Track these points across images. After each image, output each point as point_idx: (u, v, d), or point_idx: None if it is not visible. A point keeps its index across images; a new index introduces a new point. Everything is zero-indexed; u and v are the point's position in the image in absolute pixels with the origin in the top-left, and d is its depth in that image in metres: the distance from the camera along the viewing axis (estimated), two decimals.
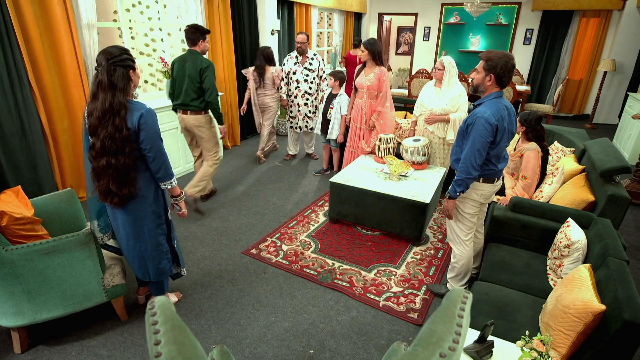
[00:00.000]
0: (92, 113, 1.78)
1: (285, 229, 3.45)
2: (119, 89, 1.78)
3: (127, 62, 1.82)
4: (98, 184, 1.88)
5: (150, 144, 1.86)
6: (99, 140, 1.79)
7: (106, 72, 1.77)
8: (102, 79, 1.77)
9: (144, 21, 5.65)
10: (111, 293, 2.19)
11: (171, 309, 0.70)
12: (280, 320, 2.38)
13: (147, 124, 1.84)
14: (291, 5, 6.45)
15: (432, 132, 3.64)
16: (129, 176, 1.87)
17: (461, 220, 2.37)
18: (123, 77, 1.80)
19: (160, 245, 2.13)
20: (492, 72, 2.10)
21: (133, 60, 1.86)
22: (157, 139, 1.89)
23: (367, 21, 9.57)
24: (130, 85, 1.86)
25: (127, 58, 1.82)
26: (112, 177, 1.83)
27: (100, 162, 1.82)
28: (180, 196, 2.14)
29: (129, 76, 1.84)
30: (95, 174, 1.87)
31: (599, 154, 2.79)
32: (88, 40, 3.48)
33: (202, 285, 2.68)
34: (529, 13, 7.79)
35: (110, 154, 1.80)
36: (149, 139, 1.85)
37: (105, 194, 1.90)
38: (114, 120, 1.77)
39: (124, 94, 1.80)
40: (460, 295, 0.77)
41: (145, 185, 1.97)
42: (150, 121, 1.86)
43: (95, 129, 1.80)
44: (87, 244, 2.02)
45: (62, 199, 2.46)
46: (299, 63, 4.71)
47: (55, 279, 1.99)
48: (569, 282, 1.77)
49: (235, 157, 5.31)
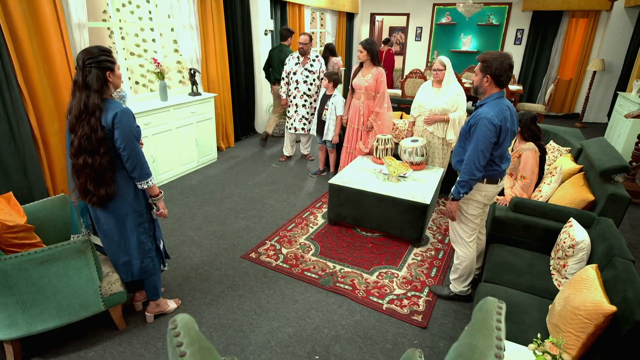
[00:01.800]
0: (71, 111, 1.81)
1: (284, 231, 3.40)
2: (94, 90, 1.77)
3: (104, 64, 1.79)
4: (78, 182, 1.89)
5: (125, 143, 1.84)
6: (77, 139, 1.81)
7: (81, 72, 1.76)
8: (77, 79, 1.78)
9: (135, 21, 5.54)
10: (109, 302, 2.12)
11: (195, 329, 0.66)
12: (283, 326, 2.33)
13: (121, 123, 1.82)
14: (284, 5, 6.40)
15: (432, 133, 3.63)
16: (105, 177, 1.87)
17: (465, 221, 2.35)
18: (98, 78, 1.78)
19: (142, 244, 2.10)
20: (487, 72, 2.09)
21: (112, 62, 1.83)
22: (131, 138, 1.87)
23: (359, 21, 9.57)
24: (108, 86, 1.84)
25: (106, 59, 1.79)
26: (90, 176, 1.85)
27: (79, 159, 1.84)
28: (159, 196, 2.08)
29: (106, 77, 1.81)
30: (75, 171, 1.88)
31: (597, 153, 2.81)
32: (79, 41, 3.38)
33: (201, 292, 2.62)
34: (520, 13, 7.87)
35: (87, 153, 1.82)
36: (123, 138, 1.83)
37: (85, 193, 1.91)
38: (89, 120, 1.78)
39: (99, 95, 1.79)
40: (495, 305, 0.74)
41: (125, 183, 1.96)
42: (125, 120, 1.83)
43: (73, 127, 1.82)
44: (83, 252, 1.95)
45: (55, 205, 2.37)
46: (299, 64, 4.66)
47: (51, 289, 1.92)
48: (577, 283, 1.77)
49: (229, 159, 5.24)
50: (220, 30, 5.03)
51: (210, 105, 4.80)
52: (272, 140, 6.03)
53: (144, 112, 3.86)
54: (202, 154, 4.85)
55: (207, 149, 4.92)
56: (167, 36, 5.47)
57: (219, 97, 5.21)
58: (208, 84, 5.11)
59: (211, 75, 5.09)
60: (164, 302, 2.37)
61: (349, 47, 9.42)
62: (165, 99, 4.27)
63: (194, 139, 4.63)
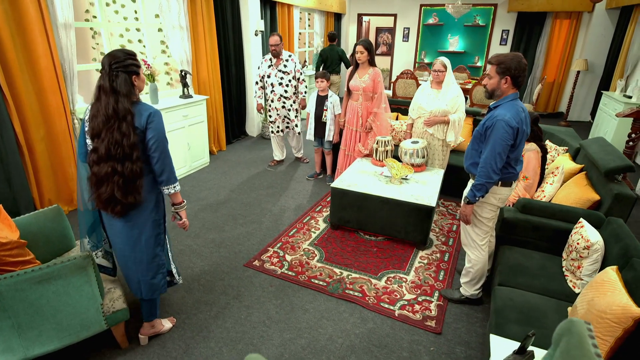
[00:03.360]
0: (96, 116, 1.72)
1: (286, 237, 3.31)
2: (122, 95, 1.71)
3: (130, 68, 1.74)
4: (98, 191, 1.77)
5: (157, 143, 1.79)
6: (104, 146, 1.71)
7: (108, 77, 1.71)
8: (103, 84, 1.71)
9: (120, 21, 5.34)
10: (111, 320, 1.99)
11: None
12: (295, 337, 2.25)
13: (154, 123, 1.78)
14: (273, 6, 6.30)
15: (432, 135, 3.61)
16: (135, 184, 1.78)
17: (478, 225, 2.33)
18: (125, 82, 1.72)
19: (156, 257, 2.00)
20: (507, 74, 2.07)
21: (138, 65, 1.78)
22: (163, 139, 1.82)
23: (347, 22, 9.54)
24: (135, 90, 1.78)
25: (132, 63, 1.75)
26: (118, 184, 1.74)
27: (104, 168, 1.73)
28: (182, 204, 1.99)
29: (132, 82, 1.76)
30: (97, 180, 1.76)
31: (599, 152, 2.84)
32: (65, 42, 3.21)
33: (206, 304, 2.50)
34: (505, 14, 8.01)
35: (116, 160, 1.72)
36: (156, 139, 1.78)
37: (107, 202, 1.78)
38: (120, 126, 1.70)
39: (128, 99, 1.72)
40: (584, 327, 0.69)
41: (148, 191, 1.87)
42: (158, 120, 1.80)
43: (98, 133, 1.72)
44: (84, 268, 1.82)
45: (49, 217, 2.22)
46: (272, 66, 4.48)
47: (50, 310, 1.78)
48: (599, 286, 1.76)
49: (222, 163, 5.10)
50: (210, 31, 4.90)
51: (202, 108, 4.66)
52: (264, 143, 5.92)
53: None
54: (195, 159, 4.71)
55: (199, 153, 4.77)
56: (154, 37, 5.29)
57: (211, 99, 5.08)
58: (199, 86, 4.97)
59: (202, 77, 4.95)
60: (158, 323, 2.22)
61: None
62: (156, 102, 4.11)
63: (186, 143, 4.49)
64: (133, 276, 2.00)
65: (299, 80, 4.58)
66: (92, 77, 5.46)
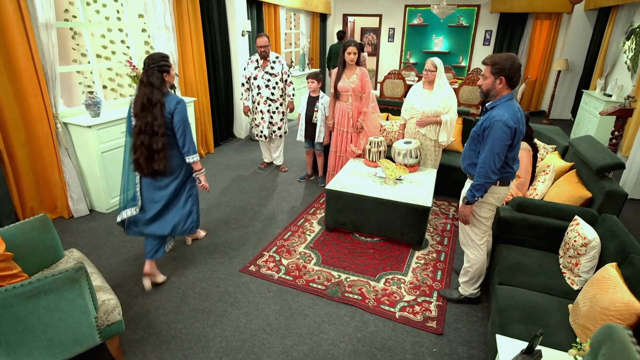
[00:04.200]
0: (137, 102, 2.33)
1: (281, 241, 3.26)
2: (155, 87, 2.30)
3: (162, 67, 2.32)
4: (134, 156, 2.38)
5: (180, 123, 2.38)
6: (139, 124, 2.32)
7: (145, 73, 2.31)
8: (142, 78, 2.32)
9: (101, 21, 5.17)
10: (106, 334, 1.90)
11: None
12: (297, 343, 2.21)
13: (179, 109, 2.38)
14: (260, 6, 6.22)
15: (424, 135, 3.62)
16: (158, 154, 2.34)
17: (477, 224, 2.33)
18: (158, 78, 2.32)
19: (186, 205, 2.61)
20: (502, 74, 2.08)
21: (168, 65, 2.36)
22: (185, 121, 2.40)
23: (332, 22, 9.53)
24: (165, 84, 2.36)
25: (164, 64, 2.33)
26: (143, 154, 2.34)
27: (138, 140, 2.34)
28: (201, 171, 2.56)
29: (163, 78, 2.34)
30: (134, 148, 2.37)
31: (588, 151, 2.90)
32: (46, 42, 3.07)
33: (202, 312, 2.43)
34: (488, 15, 8.15)
35: (146, 134, 2.32)
36: (180, 120, 2.37)
37: (137, 165, 2.39)
38: (152, 111, 2.29)
39: (159, 91, 2.31)
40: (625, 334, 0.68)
41: (177, 159, 2.49)
42: (182, 108, 2.38)
43: (137, 114, 2.33)
44: (77, 281, 1.73)
45: (35, 228, 2.11)
46: (259, 67, 4.35)
47: (40, 326, 1.69)
48: (600, 283, 1.78)
49: (211, 166, 5.00)
50: (197, 31, 4.79)
51: (189, 110, 4.55)
52: (253, 144, 5.84)
53: (120, 119, 3.57)
54: None
55: None
56: (138, 37, 5.14)
57: (198, 101, 4.97)
58: (185, 88, 4.86)
59: (189, 78, 4.85)
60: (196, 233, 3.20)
61: (323, 47, 9.36)
62: None
63: None
64: (171, 218, 2.56)
65: (286, 83, 4.48)
66: (74, 79, 5.27)
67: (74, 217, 3.53)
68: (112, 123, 3.50)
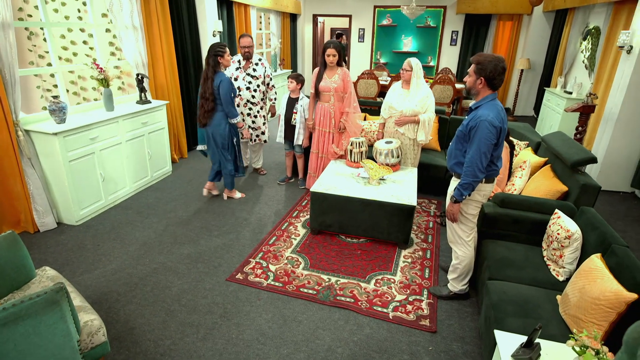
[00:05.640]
0: (202, 77, 3.50)
1: (267, 246, 3.19)
2: (210, 66, 3.43)
3: (217, 53, 3.41)
4: (198, 113, 3.60)
5: (223, 95, 3.45)
6: (201, 91, 3.51)
7: (208, 57, 3.43)
8: (207, 59, 3.44)
9: (60, 20, 4.85)
10: (90, 357, 1.77)
11: None
12: (293, 352, 2.15)
13: (222, 85, 3.43)
14: (230, 5, 6.08)
15: (403, 134, 3.66)
16: (209, 113, 3.53)
17: (464, 222, 2.37)
18: (214, 61, 3.43)
19: (226, 153, 3.74)
20: (482, 75, 2.13)
21: (222, 52, 3.43)
22: (227, 93, 3.46)
23: (302, 22, 9.49)
24: (220, 66, 3.47)
25: (219, 51, 3.41)
26: (202, 111, 3.55)
27: (200, 101, 3.54)
28: (242, 127, 3.82)
29: (218, 61, 3.44)
30: (198, 106, 3.59)
31: (562, 146, 3.03)
32: (3, 43, 2.82)
33: (191, 326, 2.32)
34: (454, 16, 8.39)
35: (204, 99, 3.49)
36: (222, 93, 3.45)
37: (198, 119, 3.62)
38: (207, 83, 3.45)
39: (213, 70, 3.44)
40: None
41: (221, 117, 3.59)
42: (225, 84, 3.44)
43: (201, 84, 3.50)
44: (57, 303, 1.59)
45: (3, 247, 1.93)
46: (241, 68, 4.25)
47: (17, 355, 1.53)
48: (588, 274, 1.85)
49: (185, 171, 4.83)
50: (167, 32, 4.60)
51: (162, 114, 4.36)
52: None
53: (89, 125, 3.36)
54: (156, 168, 4.40)
55: (160, 162, 4.47)
56: (102, 38, 4.87)
57: (170, 104, 4.77)
58: (156, 90, 4.65)
59: (159, 81, 4.64)
60: (234, 192, 4.08)
61: (294, 48, 9.30)
62: (112, 109, 3.78)
63: (146, 152, 4.18)
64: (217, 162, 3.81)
65: (268, 86, 4.39)
66: (31, 83, 4.92)
67: (40, 232, 3.28)
68: (80, 130, 3.28)
